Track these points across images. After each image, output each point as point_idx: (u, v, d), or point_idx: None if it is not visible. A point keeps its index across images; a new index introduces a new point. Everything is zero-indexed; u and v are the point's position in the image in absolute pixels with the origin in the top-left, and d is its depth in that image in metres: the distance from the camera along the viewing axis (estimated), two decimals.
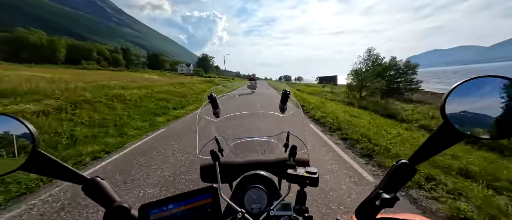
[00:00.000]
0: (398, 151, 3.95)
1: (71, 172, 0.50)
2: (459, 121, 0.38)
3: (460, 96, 0.38)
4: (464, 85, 0.38)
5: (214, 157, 0.80)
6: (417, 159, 0.46)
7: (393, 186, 0.48)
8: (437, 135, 0.42)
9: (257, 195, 0.70)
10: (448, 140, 0.41)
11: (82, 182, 0.51)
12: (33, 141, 0.44)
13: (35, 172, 0.46)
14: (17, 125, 0.44)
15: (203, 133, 1.03)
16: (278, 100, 1.00)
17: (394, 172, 0.48)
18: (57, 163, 0.48)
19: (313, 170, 0.60)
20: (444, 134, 0.41)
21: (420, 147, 0.45)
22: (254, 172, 0.83)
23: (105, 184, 0.53)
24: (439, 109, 0.40)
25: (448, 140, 0.41)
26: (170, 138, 5.56)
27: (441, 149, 0.42)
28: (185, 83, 21.37)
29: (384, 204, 0.45)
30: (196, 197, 0.54)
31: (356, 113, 9.19)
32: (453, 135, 0.39)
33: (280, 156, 0.89)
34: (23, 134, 0.44)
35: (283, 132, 1.04)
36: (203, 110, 1.03)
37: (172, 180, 3.20)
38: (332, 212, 2.34)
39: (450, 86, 0.40)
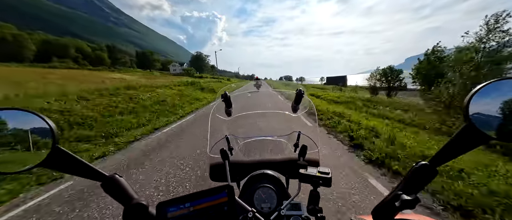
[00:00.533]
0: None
1: (90, 169, 0.50)
2: (482, 123, 0.37)
3: (484, 98, 0.37)
4: (488, 87, 0.37)
5: (224, 156, 0.79)
6: (438, 161, 0.44)
7: (413, 188, 0.47)
8: (459, 137, 0.41)
9: (266, 194, 0.70)
10: (470, 142, 0.39)
11: (101, 179, 0.51)
12: (54, 137, 0.44)
13: (55, 168, 0.46)
14: (37, 121, 0.44)
15: (215, 132, 1.03)
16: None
17: (414, 173, 0.47)
18: (76, 160, 0.48)
19: (326, 170, 0.61)
20: (467, 136, 0.40)
21: (441, 148, 0.43)
22: (261, 171, 0.83)
23: (123, 181, 0.54)
24: (462, 111, 0.39)
25: (470, 142, 0.40)
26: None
27: (463, 151, 0.41)
28: (153, 87, 14.74)
29: (404, 206, 0.44)
30: (212, 196, 0.55)
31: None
32: (476, 137, 0.38)
33: (289, 156, 0.89)
34: (43, 130, 0.44)
35: (294, 132, 1.01)
36: (216, 108, 1.04)
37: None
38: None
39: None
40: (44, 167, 0.44)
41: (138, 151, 4.40)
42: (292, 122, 1.09)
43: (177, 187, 2.89)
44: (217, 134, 1.02)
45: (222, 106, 0.99)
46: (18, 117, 0.44)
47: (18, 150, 0.43)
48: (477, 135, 0.38)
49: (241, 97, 1.30)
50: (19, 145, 0.43)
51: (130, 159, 3.96)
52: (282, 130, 1.10)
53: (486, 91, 0.37)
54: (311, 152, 0.83)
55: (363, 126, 5.39)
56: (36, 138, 0.44)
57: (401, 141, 4.14)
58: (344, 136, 4.93)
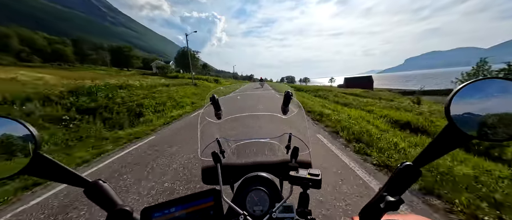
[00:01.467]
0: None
1: (73, 175, 0.49)
2: (464, 122, 0.38)
3: (465, 98, 0.38)
4: (468, 87, 0.38)
5: (216, 159, 0.79)
6: (421, 161, 0.45)
7: (398, 189, 0.47)
8: (441, 137, 0.41)
9: (259, 197, 0.70)
10: (453, 141, 0.40)
11: (84, 185, 0.50)
12: (35, 144, 0.43)
13: (36, 175, 0.45)
14: (18, 128, 0.43)
15: (205, 135, 1.02)
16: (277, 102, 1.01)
17: (398, 174, 0.47)
18: (58, 166, 0.47)
19: (316, 172, 0.61)
20: (449, 136, 0.40)
21: (424, 149, 0.44)
22: (255, 173, 0.82)
23: (107, 187, 0.53)
24: (444, 111, 0.39)
25: (453, 142, 0.40)
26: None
27: (446, 151, 0.42)
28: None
29: (389, 207, 0.44)
30: (198, 200, 0.55)
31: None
32: (458, 137, 0.39)
33: (282, 158, 0.89)
34: (24, 137, 0.43)
35: (285, 134, 1.02)
36: (205, 111, 1.03)
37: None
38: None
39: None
40: (25, 174, 0.44)
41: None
42: (284, 123, 1.06)
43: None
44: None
45: (211, 110, 0.97)
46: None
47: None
48: (459, 134, 0.38)
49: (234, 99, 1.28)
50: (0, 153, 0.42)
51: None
52: (274, 132, 1.09)
53: (467, 91, 0.38)
54: (303, 153, 0.83)
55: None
56: (17, 145, 0.43)
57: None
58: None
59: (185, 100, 13.84)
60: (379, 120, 6.79)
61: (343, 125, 5.68)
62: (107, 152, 5.01)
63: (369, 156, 3.78)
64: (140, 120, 8.64)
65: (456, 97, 0.38)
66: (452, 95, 0.38)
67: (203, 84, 29.39)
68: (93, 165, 4.29)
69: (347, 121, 6.17)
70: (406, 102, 13.26)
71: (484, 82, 0.37)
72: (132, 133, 6.56)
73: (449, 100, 0.38)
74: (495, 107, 0.36)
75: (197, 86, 24.32)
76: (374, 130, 5.09)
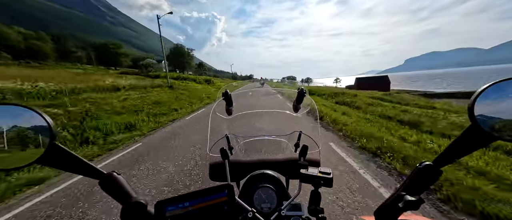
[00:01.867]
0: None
1: (88, 166, 0.49)
2: (487, 123, 0.37)
3: (489, 98, 0.37)
4: (493, 87, 0.37)
5: (224, 155, 0.79)
6: (442, 161, 0.44)
7: (417, 188, 0.46)
8: (464, 137, 0.40)
9: (266, 194, 0.70)
10: (475, 142, 0.39)
11: (99, 177, 0.50)
12: (51, 134, 0.43)
13: (52, 165, 0.45)
14: (34, 117, 0.43)
15: (215, 131, 1.03)
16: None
17: (417, 173, 0.46)
18: (74, 157, 0.47)
19: (327, 170, 0.61)
20: (472, 136, 0.39)
21: (446, 148, 0.43)
22: (261, 171, 0.81)
23: (121, 179, 0.53)
24: (467, 111, 0.39)
25: (475, 143, 0.39)
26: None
27: (468, 151, 0.41)
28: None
29: (408, 207, 0.43)
30: (212, 195, 0.54)
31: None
32: (481, 138, 0.38)
33: (289, 156, 0.88)
34: (40, 126, 0.43)
35: (295, 132, 1.00)
36: (216, 107, 1.04)
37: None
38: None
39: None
40: (41, 164, 0.44)
41: None
42: (293, 121, 1.03)
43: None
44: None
45: (223, 105, 0.97)
46: (15, 113, 0.42)
47: (15, 146, 0.42)
48: (482, 135, 0.37)
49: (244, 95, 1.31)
50: (16, 142, 0.42)
51: None
52: (283, 130, 1.08)
53: (491, 91, 0.37)
54: (312, 152, 0.83)
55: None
56: (33, 134, 0.43)
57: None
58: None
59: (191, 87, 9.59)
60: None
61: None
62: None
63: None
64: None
65: (480, 98, 0.37)
66: (476, 95, 0.38)
67: (187, 86, 22.73)
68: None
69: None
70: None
71: (508, 83, 0.36)
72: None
73: (473, 100, 0.38)
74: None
75: (173, 89, 18.32)
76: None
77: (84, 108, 8.36)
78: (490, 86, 0.37)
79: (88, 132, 6.03)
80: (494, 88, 0.37)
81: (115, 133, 6.47)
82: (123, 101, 10.94)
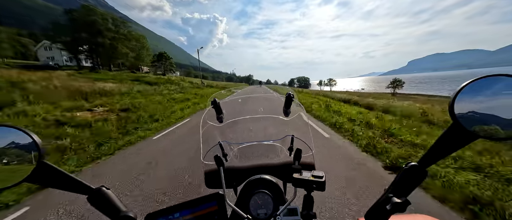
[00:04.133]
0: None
1: (76, 182, 0.50)
2: (468, 121, 0.37)
3: (469, 96, 0.37)
4: (472, 85, 0.37)
5: (218, 162, 0.80)
6: (427, 161, 0.45)
7: (404, 190, 0.47)
8: (446, 136, 0.41)
9: (262, 200, 0.71)
10: (458, 141, 0.40)
11: (87, 192, 0.51)
12: (39, 152, 0.45)
13: (40, 183, 0.46)
14: (22, 136, 0.44)
15: (207, 139, 1.05)
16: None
17: (404, 175, 0.47)
18: (62, 174, 0.48)
19: (320, 174, 0.61)
20: (454, 135, 0.39)
21: (429, 148, 0.44)
22: (258, 176, 0.82)
23: (110, 194, 0.53)
24: (448, 110, 0.39)
25: (458, 141, 0.40)
26: None
27: (452, 150, 0.41)
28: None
29: (395, 209, 0.44)
30: (202, 205, 0.55)
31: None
32: (463, 136, 0.38)
33: (285, 160, 0.90)
34: (28, 145, 0.44)
35: (287, 136, 1.03)
36: (207, 115, 1.05)
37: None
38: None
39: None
40: (29, 182, 0.44)
41: None
42: (286, 125, 1.08)
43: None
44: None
45: (213, 113, 1.00)
46: (2, 133, 0.43)
47: (3, 166, 0.43)
48: (464, 134, 0.38)
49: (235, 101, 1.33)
50: (4, 162, 0.43)
51: None
52: (276, 134, 1.11)
53: (472, 89, 0.37)
54: (306, 155, 0.84)
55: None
56: (21, 154, 0.44)
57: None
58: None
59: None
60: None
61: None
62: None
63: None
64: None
65: (460, 95, 0.37)
66: (456, 93, 0.38)
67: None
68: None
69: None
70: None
71: (489, 80, 0.36)
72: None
73: (453, 98, 0.38)
74: (501, 105, 0.35)
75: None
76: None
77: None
78: (471, 83, 0.37)
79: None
80: (474, 85, 0.37)
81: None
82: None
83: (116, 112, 10.73)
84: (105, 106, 11.53)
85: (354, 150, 4.80)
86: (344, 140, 5.55)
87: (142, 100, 14.46)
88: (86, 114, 9.82)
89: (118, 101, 13.16)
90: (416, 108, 8.80)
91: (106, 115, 9.81)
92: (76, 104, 10.97)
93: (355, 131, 5.92)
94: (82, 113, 9.84)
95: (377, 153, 4.35)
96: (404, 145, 4.76)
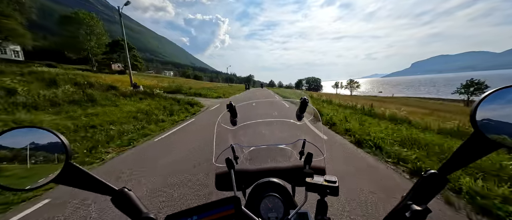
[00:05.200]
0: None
1: (101, 184, 0.52)
2: (491, 130, 0.37)
3: (492, 105, 0.37)
4: (496, 94, 0.37)
5: (229, 165, 0.81)
6: (447, 169, 0.44)
7: (423, 197, 0.46)
8: (468, 145, 0.41)
9: (273, 203, 0.71)
10: (479, 150, 0.39)
11: (111, 193, 0.53)
12: (67, 153, 0.46)
13: (67, 184, 0.47)
14: (49, 137, 0.46)
15: (220, 141, 1.07)
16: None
17: (423, 182, 0.47)
18: (88, 175, 0.50)
19: (332, 178, 0.62)
20: (475, 144, 0.39)
21: (451, 156, 0.44)
22: (267, 179, 0.83)
23: (132, 195, 0.55)
24: (469, 118, 0.39)
25: (479, 150, 0.39)
26: None
27: (473, 159, 0.41)
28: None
29: (415, 216, 0.44)
30: (219, 208, 0.56)
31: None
32: (485, 145, 0.38)
33: (295, 164, 0.90)
34: (56, 146, 0.46)
35: (299, 140, 1.04)
36: (221, 118, 1.08)
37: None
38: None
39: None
40: (57, 183, 0.45)
41: None
42: (299, 129, 1.10)
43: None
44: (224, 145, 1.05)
45: (228, 116, 1.03)
46: (33, 134, 0.46)
47: (33, 167, 0.45)
48: (486, 142, 0.38)
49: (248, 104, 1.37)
50: (33, 162, 0.45)
51: None
52: (288, 138, 1.12)
53: (494, 98, 0.37)
54: (317, 159, 0.85)
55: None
56: (49, 154, 0.46)
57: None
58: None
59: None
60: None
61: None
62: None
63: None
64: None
65: (483, 104, 0.37)
66: (478, 102, 0.38)
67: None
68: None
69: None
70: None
71: (510, 90, 0.36)
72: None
73: (475, 107, 0.38)
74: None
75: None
76: None
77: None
78: (493, 93, 0.37)
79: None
80: (498, 94, 0.37)
81: None
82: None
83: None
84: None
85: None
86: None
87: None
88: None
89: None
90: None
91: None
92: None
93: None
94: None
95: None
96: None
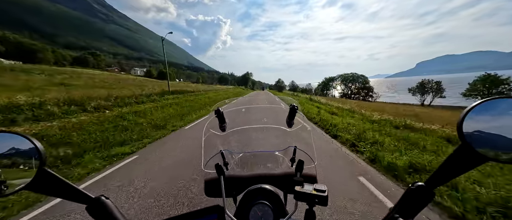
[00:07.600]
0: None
1: (76, 191, 0.50)
2: (478, 142, 0.37)
3: (479, 117, 0.37)
4: (483, 105, 0.37)
5: (219, 171, 0.81)
6: (434, 182, 0.44)
7: (410, 211, 0.46)
8: (455, 157, 0.40)
9: (262, 211, 0.71)
10: (467, 162, 0.39)
11: (86, 202, 0.51)
12: (41, 159, 0.44)
13: (41, 191, 0.46)
14: (24, 143, 0.44)
15: (209, 147, 1.07)
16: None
17: (409, 195, 0.47)
18: (63, 182, 0.48)
19: (322, 187, 0.61)
20: (463, 156, 0.39)
21: (437, 169, 0.43)
22: (259, 186, 0.82)
23: (109, 204, 0.53)
24: (456, 131, 0.39)
25: (467, 163, 0.39)
26: None
27: (460, 172, 0.41)
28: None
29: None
30: (203, 218, 0.55)
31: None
32: (472, 158, 0.38)
33: (286, 171, 0.91)
34: (30, 152, 0.44)
35: (289, 147, 1.05)
36: (209, 123, 1.07)
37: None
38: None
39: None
40: (29, 190, 0.44)
41: None
42: (289, 136, 1.11)
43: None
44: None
45: (216, 121, 1.02)
46: (5, 140, 0.44)
47: (4, 174, 0.43)
48: (473, 155, 0.37)
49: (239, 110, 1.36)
50: (5, 169, 0.43)
51: None
52: (278, 145, 1.13)
53: (481, 109, 0.37)
54: (308, 167, 0.86)
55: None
56: (22, 161, 0.44)
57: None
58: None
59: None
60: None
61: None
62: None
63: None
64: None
65: (469, 115, 0.37)
66: (464, 113, 0.38)
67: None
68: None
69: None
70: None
71: (499, 101, 0.36)
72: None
73: (461, 119, 0.38)
74: (511, 127, 0.35)
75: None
76: None
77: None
78: (480, 104, 0.37)
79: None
80: (484, 106, 0.37)
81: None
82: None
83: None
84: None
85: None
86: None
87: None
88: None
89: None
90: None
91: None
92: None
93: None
94: None
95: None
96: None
